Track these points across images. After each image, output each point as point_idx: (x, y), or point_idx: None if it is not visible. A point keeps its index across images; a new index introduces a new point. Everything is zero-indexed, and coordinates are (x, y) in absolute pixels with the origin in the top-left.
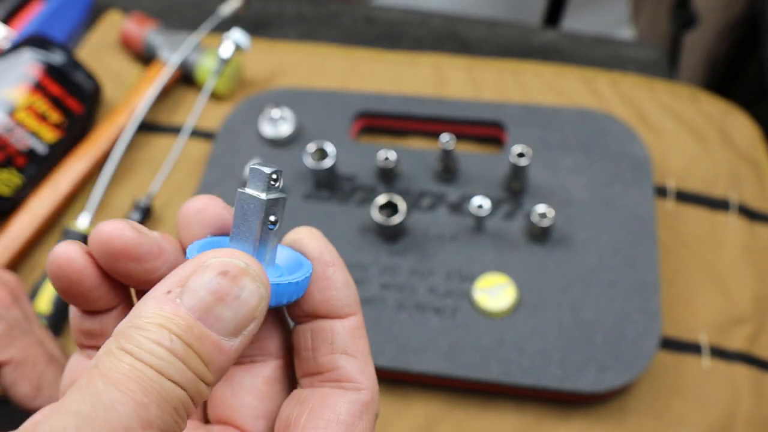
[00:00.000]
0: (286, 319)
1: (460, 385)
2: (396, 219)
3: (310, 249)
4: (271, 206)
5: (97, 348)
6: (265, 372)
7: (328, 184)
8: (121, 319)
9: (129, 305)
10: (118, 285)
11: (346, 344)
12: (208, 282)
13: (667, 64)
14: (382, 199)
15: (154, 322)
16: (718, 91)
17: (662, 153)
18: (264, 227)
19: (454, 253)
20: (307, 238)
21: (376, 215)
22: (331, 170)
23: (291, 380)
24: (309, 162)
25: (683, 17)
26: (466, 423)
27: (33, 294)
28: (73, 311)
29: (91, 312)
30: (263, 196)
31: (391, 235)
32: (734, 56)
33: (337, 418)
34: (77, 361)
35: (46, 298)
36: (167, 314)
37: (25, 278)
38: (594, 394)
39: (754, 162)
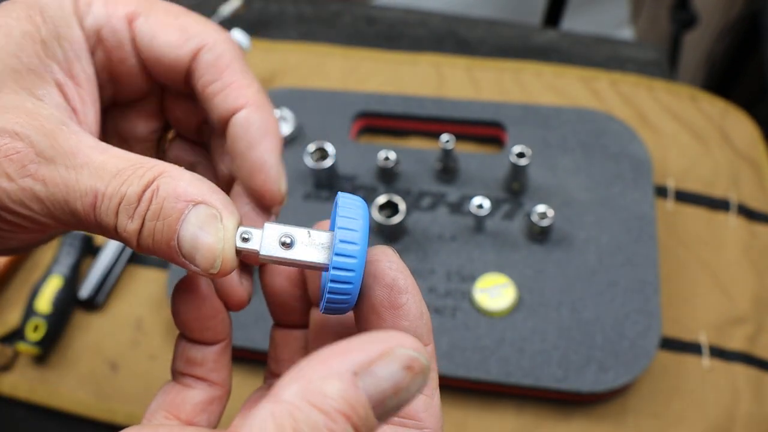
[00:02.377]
0: None
1: (460, 385)
2: (396, 219)
3: (383, 273)
4: None
5: (193, 377)
6: None
7: (328, 184)
8: (223, 355)
9: (230, 342)
10: (227, 316)
11: None
12: (394, 374)
13: (666, 64)
14: (382, 199)
15: (339, 410)
16: (717, 91)
17: (662, 153)
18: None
19: (454, 253)
20: (384, 260)
21: (376, 215)
22: (331, 170)
23: None
24: (309, 162)
25: (683, 17)
26: (466, 423)
27: (33, 294)
28: (179, 340)
29: (198, 342)
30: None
31: (391, 235)
32: (734, 56)
33: None
34: (170, 388)
35: (46, 298)
36: (352, 402)
37: (25, 278)
38: (594, 394)
39: (754, 162)
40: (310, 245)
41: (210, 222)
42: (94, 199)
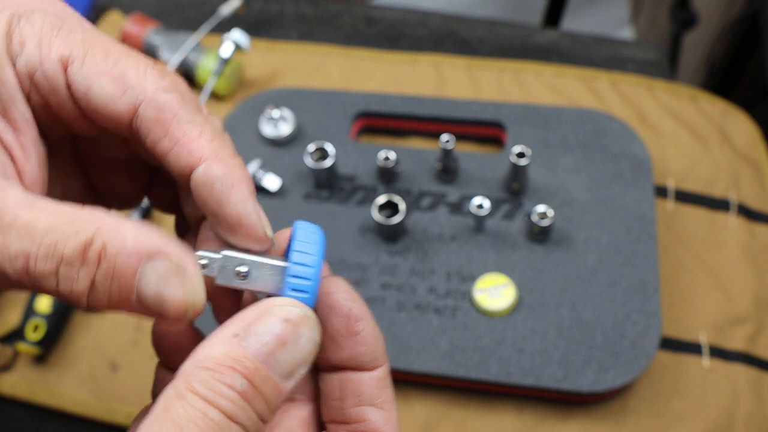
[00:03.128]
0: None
1: (460, 385)
2: (396, 219)
3: (339, 305)
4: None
5: None
6: (302, 414)
7: (328, 184)
8: None
9: None
10: None
11: (373, 396)
12: (273, 328)
13: (666, 64)
14: (382, 199)
15: (224, 364)
16: (717, 91)
17: (662, 153)
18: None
19: (454, 253)
20: (338, 292)
21: (376, 215)
22: (331, 170)
23: (321, 424)
24: (309, 162)
25: (683, 17)
26: (466, 423)
27: (33, 294)
28: (160, 368)
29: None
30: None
31: (391, 235)
32: (734, 56)
33: None
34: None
35: (45, 299)
36: (236, 356)
37: None
38: (594, 394)
39: (754, 162)
40: (265, 276)
41: (172, 277)
42: (26, 262)
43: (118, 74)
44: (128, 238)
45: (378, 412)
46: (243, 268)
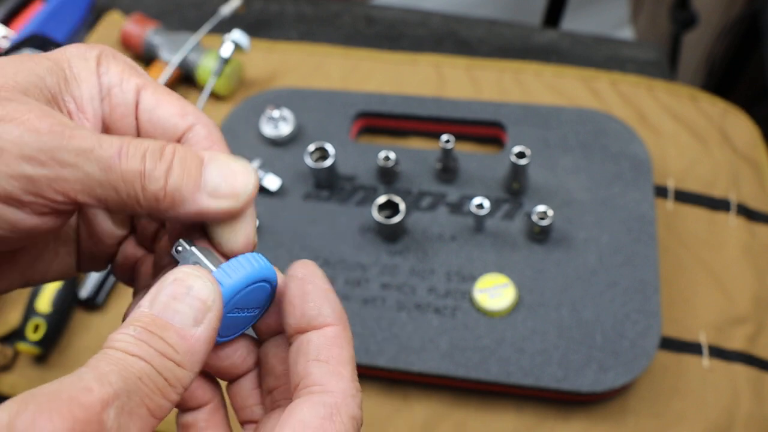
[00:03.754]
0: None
1: (460, 385)
2: (396, 219)
3: (296, 271)
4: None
5: None
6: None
7: (328, 184)
8: (215, 414)
9: (221, 401)
10: (210, 382)
11: (318, 352)
12: (165, 288)
13: (666, 64)
14: (382, 199)
15: (127, 323)
16: (717, 91)
17: (662, 153)
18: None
19: (454, 253)
20: (297, 265)
21: (376, 215)
22: (331, 170)
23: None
24: (309, 162)
25: (683, 17)
26: (466, 423)
27: (33, 294)
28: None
29: (186, 409)
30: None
31: (391, 235)
32: (734, 56)
33: (303, 424)
34: None
35: (46, 298)
36: (135, 317)
37: None
38: (594, 394)
39: (754, 162)
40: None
41: (234, 166)
42: (119, 149)
43: (181, 103)
44: (191, 148)
45: (322, 365)
46: (194, 261)
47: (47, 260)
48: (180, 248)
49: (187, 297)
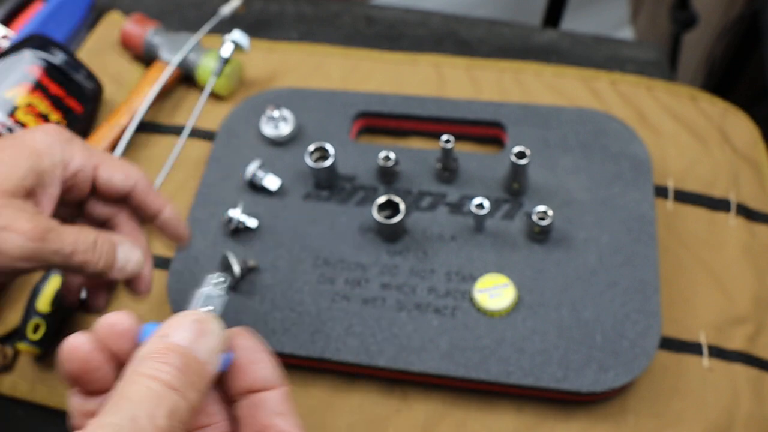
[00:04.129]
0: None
1: (460, 385)
2: (396, 219)
3: (241, 342)
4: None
5: None
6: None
7: (328, 184)
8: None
9: None
10: (116, 366)
11: (279, 409)
12: (191, 324)
13: (666, 64)
14: (382, 199)
15: (160, 351)
16: (717, 91)
17: (662, 153)
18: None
19: (454, 253)
20: (240, 336)
21: (376, 215)
22: (331, 170)
23: None
24: (309, 162)
25: (683, 17)
26: (466, 423)
27: (33, 294)
28: (73, 397)
29: (92, 393)
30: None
31: (391, 235)
32: (734, 56)
33: None
34: None
35: (46, 298)
36: (167, 345)
37: (26, 278)
38: (594, 393)
39: (754, 162)
40: (196, 299)
41: (129, 244)
42: (74, 248)
43: (125, 171)
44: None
45: (284, 419)
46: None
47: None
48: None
49: (209, 336)
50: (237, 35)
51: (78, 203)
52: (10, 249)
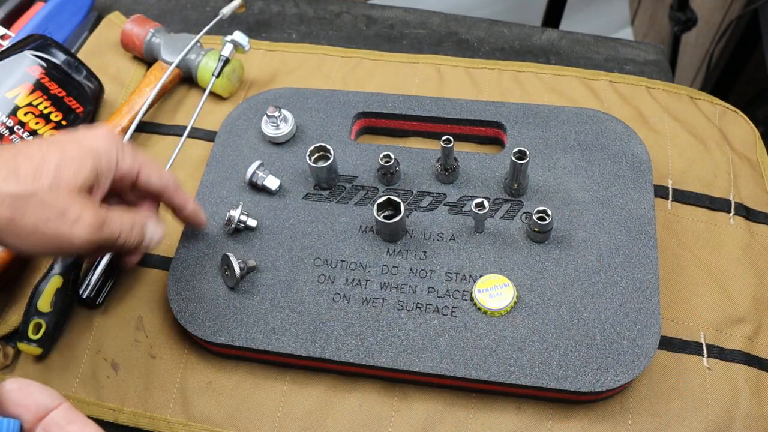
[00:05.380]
0: None
1: (460, 384)
2: (396, 219)
3: (9, 386)
4: None
5: None
6: None
7: (328, 184)
8: None
9: None
10: None
11: (67, 419)
12: None
13: (666, 64)
14: (382, 199)
15: None
16: (716, 91)
17: (661, 153)
18: None
19: (454, 253)
20: (8, 381)
21: (376, 215)
22: (331, 170)
23: None
24: (309, 162)
25: (682, 18)
26: (466, 423)
27: (34, 294)
28: None
29: None
30: None
31: (391, 235)
32: (733, 56)
33: None
34: None
35: (46, 298)
36: None
37: (26, 278)
38: (593, 393)
39: (753, 162)
40: None
41: (153, 222)
42: (119, 232)
43: (158, 172)
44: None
45: (76, 426)
46: None
47: None
48: None
49: None
50: (237, 35)
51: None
52: (77, 238)
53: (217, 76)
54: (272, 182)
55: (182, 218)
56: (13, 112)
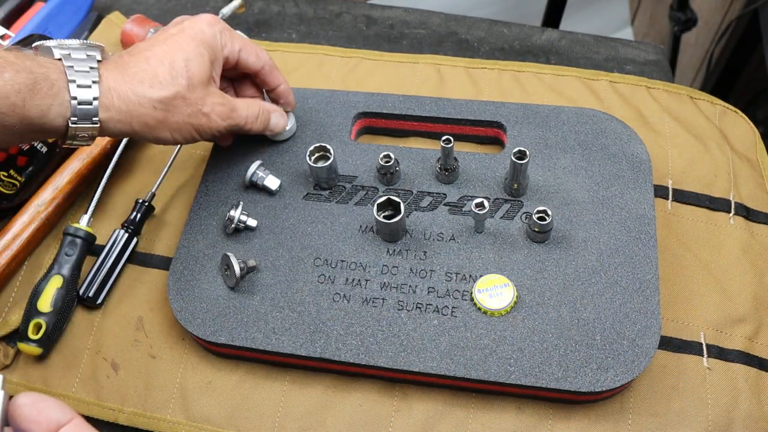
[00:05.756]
0: None
1: (460, 384)
2: (396, 219)
3: (22, 401)
4: None
5: None
6: None
7: (328, 184)
8: None
9: None
10: None
11: None
12: None
13: (666, 64)
14: (382, 199)
15: None
16: (716, 91)
17: (661, 153)
18: None
19: (454, 253)
20: (16, 402)
21: (376, 215)
22: (331, 170)
23: None
24: (309, 162)
25: (682, 18)
26: (466, 423)
27: (34, 294)
28: None
29: None
30: None
31: (391, 235)
32: (733, 56)
33: None
34: None
35: (47, 298)
36: None
37: (26, 278)
38: (593, 393)
39: (753, 162)
40: None
41: (279, 113)
42: (246, 120)
43: (256, 52)
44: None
45: None
46: None
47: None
48: None
49: None
50: None
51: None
52: (215, 125)
53: None
54: (272, 182)
55: (274, 97)
56: None
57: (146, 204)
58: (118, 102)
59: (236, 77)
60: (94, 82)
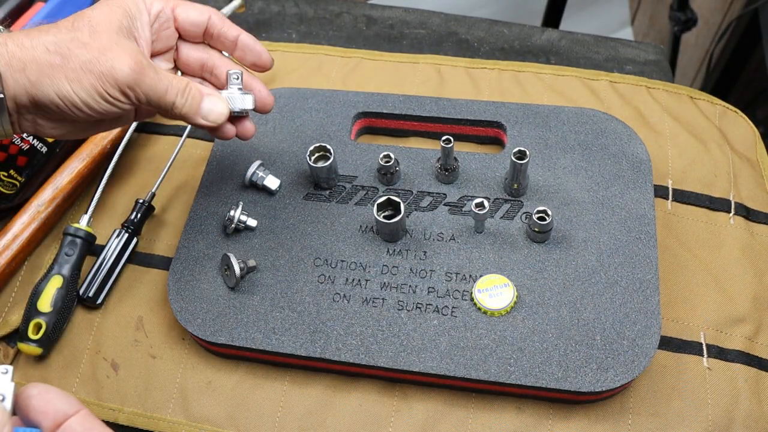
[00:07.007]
0: None
1: (460, 384)
2: (396, 219)
3: (29, 392)
4: None
5: None
6: None
7: (328, 184)
8: None
9: None
10: None
11: (84, 427)
12: None
13: (666, 64)
14: (382, 199)
15: None
16: (716, 91)
17: (661, 153)
18: None
19: (454, 253)
20: (23, 393)
21: (376, 215)
22: (331, 170)
23: None
24: (309, 162)
25: (682, 18)
26: (466, 423)
27: (34, 294)
28: None
29: None
30: None
31: (391, 235)
32: (733, 56)
33: None
34: None
35: (47, 298)
36: None
37: (26, 278)
38: (593, 393)
39: (753, 162)
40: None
41: (216, 97)
42: (167, 89)
43: (200, 8)
44: (198, 87)
45: None
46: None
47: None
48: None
49: None
50: None
51: (172, 55)
52: (122, 79)
53: None
54: (272, 182)
55: (241, 54)
56: None
57: (146, 204)
58: (13, 47)
59: (199, 49)
60: None
